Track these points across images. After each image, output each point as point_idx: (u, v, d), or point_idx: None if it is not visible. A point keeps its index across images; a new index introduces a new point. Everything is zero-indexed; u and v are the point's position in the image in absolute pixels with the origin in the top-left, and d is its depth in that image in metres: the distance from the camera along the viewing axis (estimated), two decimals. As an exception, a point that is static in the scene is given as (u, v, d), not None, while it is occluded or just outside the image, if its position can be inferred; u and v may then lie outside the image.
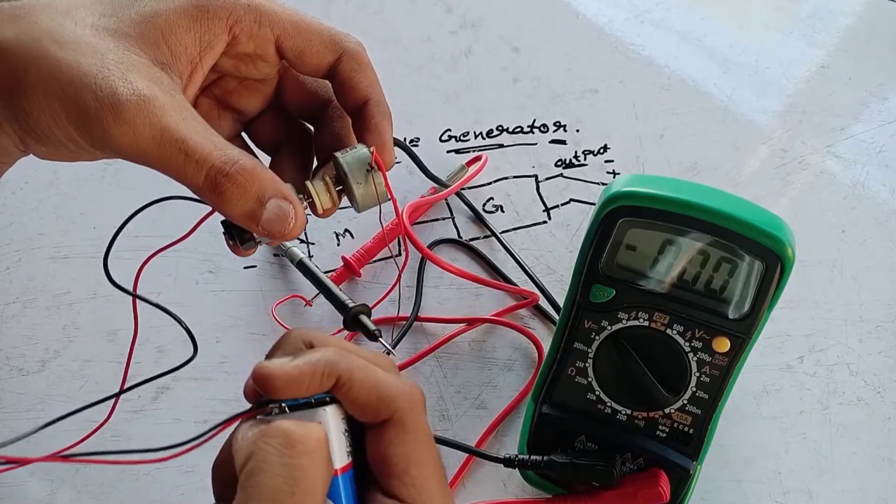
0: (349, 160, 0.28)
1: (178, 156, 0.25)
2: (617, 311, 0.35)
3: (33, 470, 0.40)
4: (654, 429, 0.36)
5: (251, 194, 0.26)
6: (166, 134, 0.25)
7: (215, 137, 0.26)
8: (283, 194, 0.27)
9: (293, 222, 0.27)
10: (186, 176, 0.25)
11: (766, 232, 0.32)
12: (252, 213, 0.26)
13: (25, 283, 0.45)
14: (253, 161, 0.26)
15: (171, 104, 0.25)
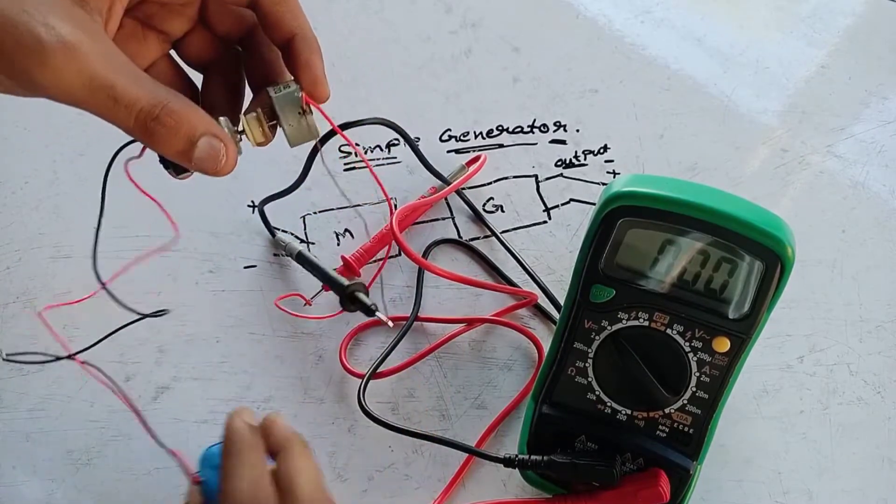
0: (280, 99, 0.29)
1: (108, 101, 0.25)
2: (617, 311, 0.35)
3: (34, 469, 0.40)
4: (654, 429, 0.36)
5: (181, 135, 0.26)
6: (94, 81, 0.25)
7: (143, 79, 0.26)
8: (213, 132, 0.27)
9: (224, 159, 0.27)
10: (117, 119, 0.26)
11: (767, 232, 0.32)
12: (184, 153, 0.27)
13: (25, 283, 0.45)
14: (181, 101, 0.26)
15: (95, 48, 0.25)
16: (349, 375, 0.42)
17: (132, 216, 0.43)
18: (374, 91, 0.50)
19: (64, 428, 0.41)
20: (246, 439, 0.31)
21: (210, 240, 0.45)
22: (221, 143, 0.27)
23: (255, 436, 0.31)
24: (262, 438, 0.31)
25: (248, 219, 0.46)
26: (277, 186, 0.45)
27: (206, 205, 0.46)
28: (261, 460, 0.30)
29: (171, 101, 0.26)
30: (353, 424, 0.41)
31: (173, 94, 0.26)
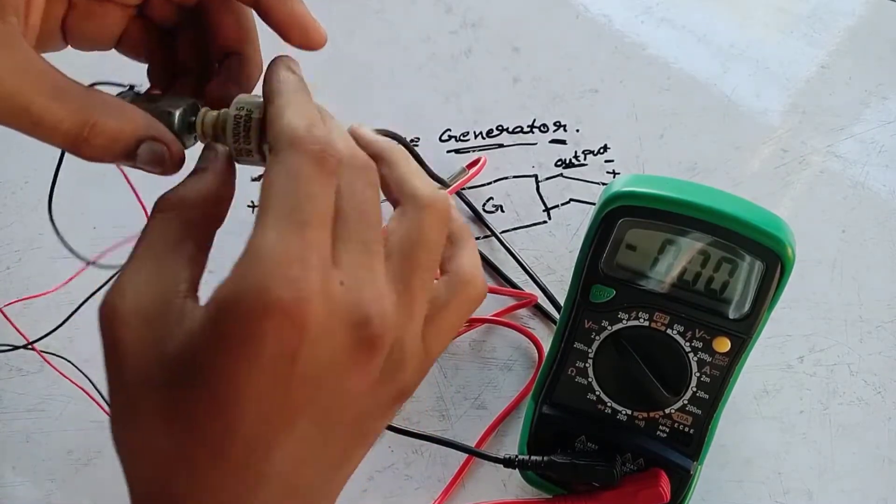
0: (237, 119, 0.25)
1: (28, 124, 0.23)
2: (617, 312, 0.35)
3: (34, 470, 0.40)
4: (654, 429, 0.36)
5: (117, 149, 0.25)
6: (8, 103, 0.23)
7: (65, 91, 0.24)
8: (151, 135, 0.25)
9: (168, 161, 0.26)
10: (45, 140, 0.24)
11: (767, 232, 0.32)
12: (126, 158, 0.25)
13: (25, 283, 0.45)
14: (110, 111, 0.24)
15: (4, 65, 0.22)
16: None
17: (132, 216, 0.43)
18: (373, 91, 0.50)
19: (63, 428, 0.41)
20: (297, 86, 0.25)
21: (210, 240, 0.45)
22: (163, 146, 0.25)
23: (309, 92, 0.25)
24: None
25: (247, 219, 0.46)
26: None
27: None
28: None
29: (98, 116, 0.24)
30: (353, 425, 0.41)
31: (102, 103, 0.24)
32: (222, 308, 0.20)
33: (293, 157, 0.22)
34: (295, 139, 0.22)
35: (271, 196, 0.21)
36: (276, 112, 0.23)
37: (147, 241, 0.23)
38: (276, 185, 0.21)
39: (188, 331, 0.21)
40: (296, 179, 0.21)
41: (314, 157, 0.22)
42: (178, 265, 0.23)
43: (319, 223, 0.21)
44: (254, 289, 0.20)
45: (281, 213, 0.21)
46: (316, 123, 0.23)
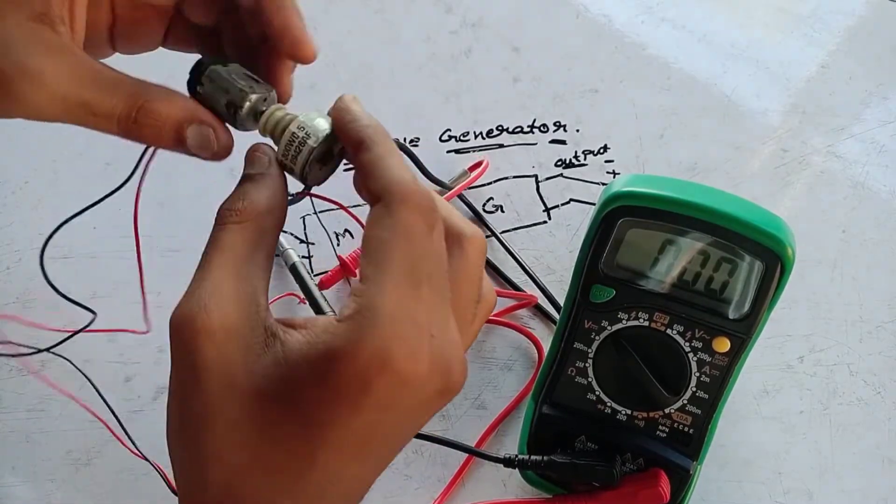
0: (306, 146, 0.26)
1: (87, 115, 0.25)
2: (617, 312, 0.35)
3: (33, 470, 0.40)
4: (654, 429, 0.36)
5: (167, 130, 0.26)
6: (67, 101, 0.24)
7: (117, 82, 0.25)
8: (198, 118, 0.26)
9: (216, 144, 0.26)
10: (102, 129, 0.25)
11: (767, 232, 0.32)
12: (177, 143, 0.26)
13: (25, 283, 0.45)
14: (159, 96, 0.26)
15: (61, 68, 0.24)
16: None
17: (131, 215, 0.43)
18: (373, 91, 0.50)
19: (63, 428, 0.41)
20: (385, 132, 0.25)
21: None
22: (209, 129, 0.26)
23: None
24: None
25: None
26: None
27: (206, 204, 0.46)
28: None
29: (147, 99, 0.25)
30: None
31: (150, 90, 0.26)
32: (337, 358, 0.22)
33: (407, 213, 0.23)
34: (407, 195, 0.23)
35: (389, 254, 0.23)
36: (378, 162, 0.24)
37: (225, 252, 0.24)
38: (392, 243, 0.23)
39: (284, 358, 0.22)
40: (411, 239, 0.23)
41: (425, 215, 0.23)
42: (256, 277, 0.24)
43: (427, 280, 0.23)
44: (374, 348, 0.21)
45: (399, 274, 0.22)
46: (415, 176, 0.24)
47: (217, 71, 0.27)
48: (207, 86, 0.27)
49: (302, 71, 0.29)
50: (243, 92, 0.27)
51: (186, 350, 0.23)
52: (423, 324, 0.22)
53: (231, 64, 0.27)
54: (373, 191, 0.24)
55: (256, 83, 0.27)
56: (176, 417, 0.24)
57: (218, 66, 0.27)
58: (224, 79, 0.27)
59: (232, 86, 0.27)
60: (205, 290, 0.23)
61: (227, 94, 0.27)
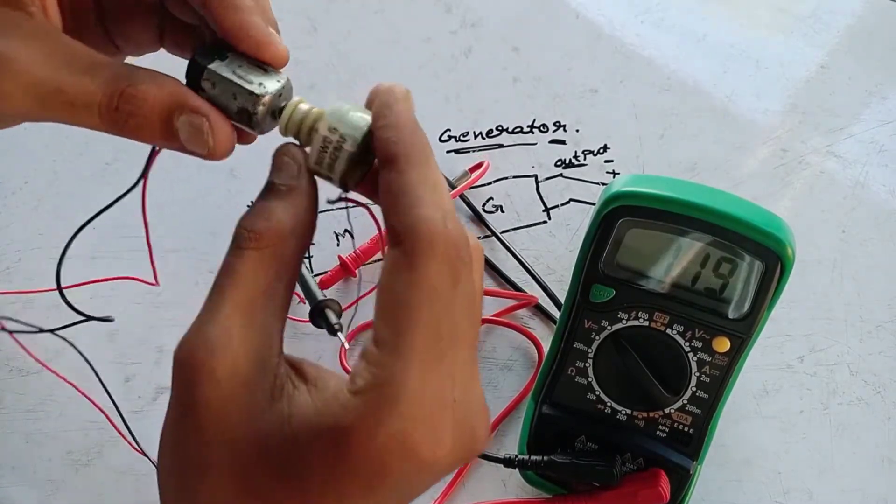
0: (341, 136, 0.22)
1: (64, 107, 0.22)
2: (617, 311, 0.35)
3: (34, 470, 0.40)
4: (654, 429, 0.36)
5: (153, 120, 0.22)
6: (40, 89, 0.21)
7: (97, 66, 0.22)
8: (189, 106, 0.22)
9: (211, 139, 0.22)
10: (84, 123, 0.22)
11: (767, 232, 0.32)
12: (166, 136, 0.22)
13: (25, 283, 0.45)
14: (142, 77, 0.22)
15: (33, 51, 0.21)
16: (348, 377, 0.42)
17: (132, 216, 0.43)
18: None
19: (63, 429, 0.41)
20: (427, 147, 0.21)
21: (210, 239, 0.45)
22: (203, 119, 0.22)
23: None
24: None
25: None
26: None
27: (206, 204, 0.46)
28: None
29: (130, 83, 0.22)
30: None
31: (134, 73, 0.22)
32: (350, 436, 0.19)
33: (432, 267, 0.20)
34: (434, 243, 0.20)
35: (410, 318, 0.20)
36: (407, 191, 0.20)
37: (239, 284, 0.21)
38: (414, 305, 0.20)
39: (289, 419, 0.20)
40: (436, 299, 0.20)
41: (451, 267, 0.20)
42: (271, 316, 0.21)
43: (452, 344, 0.20)
44: (393, 431, 0.19)
45: (422, 344, 0.20)
46: (448, 211, 0.20)
47: (216, 72, 0.23)
48: (209, 91, 0.23)
49: (302, 70, 0.28)
50: (253, 94, 0.23)
51: (188, 391, 0.20)
52: (448, 395, 0.20)
53: (230, 54, 0.23)
54: (395, 228, 0.20)
55: (265, 73, 0.23)
56: (168, 454, 0.22)
57: (215, 64, 0.23)
58: (226, 80, 0.23)
59: (238, 87, 0.23)
60: (213, 328, 0.21)
61: (234, 99, 0.23)
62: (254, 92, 0.23)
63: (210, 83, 0.23)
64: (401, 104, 0.22)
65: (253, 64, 0.23)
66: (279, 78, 0.24)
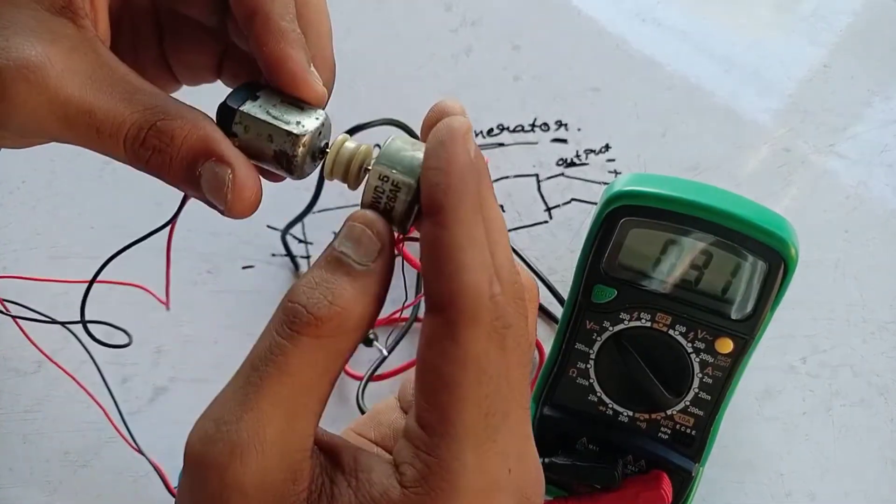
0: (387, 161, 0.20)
1: (89, 132, 0.20)
2: (619, 312, 0.35)
3: (30, 471, 0.40)
4: (655, 430, 0.36)
5: (177, 162, 0.20)
6: (69, 108, 0.20)
7: (138, 93, 0.20)
8: (216, 153, 0.20)
9: (230, 192, 0.20)
10: (107, 151, 0.21)
11: (770, 232, 0.32)
12: (189, 182, 0.20)
13: (23, 284, 0.44)
14: (179, 113, 0.20)
15: (70, 65, 0.20)
16: (348, 377, 0.41)
17: (130, 216, 0.43)
18: (372, 90, 0.50)
19: (60, 430, 0.41)
20: (476, 198, 0.18)
21: (208, 239, 0.45)
22: (227, 169, 0.20)
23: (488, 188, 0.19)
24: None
25: (246, 219, 0.46)
26: (279, 188, 0.44)
27: (204, 205, 0.46)
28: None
29: (165, 116, 0.20)
30: (353, 426, 0.41)
31: (172, 107, 0.20)
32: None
33: (476, 340, 0.18)
34: (478, 313, 0.18)
35: (458, 400, 0.18)
36: (451, 253, 0.18)
37: (285, 379, 0.18)
38: (461, 384, 0.18)
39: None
40: (485, 375, 0.18)
41: (499, 336, 0.18)
42: (312, 412, 0.19)
43: (504, 418, 0.18)
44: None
45: (473, 428, 0.18)
46: (500, 267, 0.18)
47: (249, 114, 0.21)
48: (242, 136, 0.21)
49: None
50: (291, 135, 0.21)
51: (208, 497, 0.18)
52: (502, 473, 0.18)
53: (262, 91, 0.22)
54: (434, 294, 0.18)
55: (301, 111, 0.21)
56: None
57: (247, 106, 0.21)
58: (260, 121, 0.21)
59: (273, 128, 0.21)
60: (245, 427, 0.18)
61: (270, 142, 0.21)
62: (291, 132, 0.21)
63: (242, 127, 0.21)
64: (457, 143, 0.18)
65: (288, 102, 0.22)
66: (317, 115, 0.22)
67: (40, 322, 0.35)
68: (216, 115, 0.22)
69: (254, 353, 0.19)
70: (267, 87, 0.22)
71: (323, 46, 0.23)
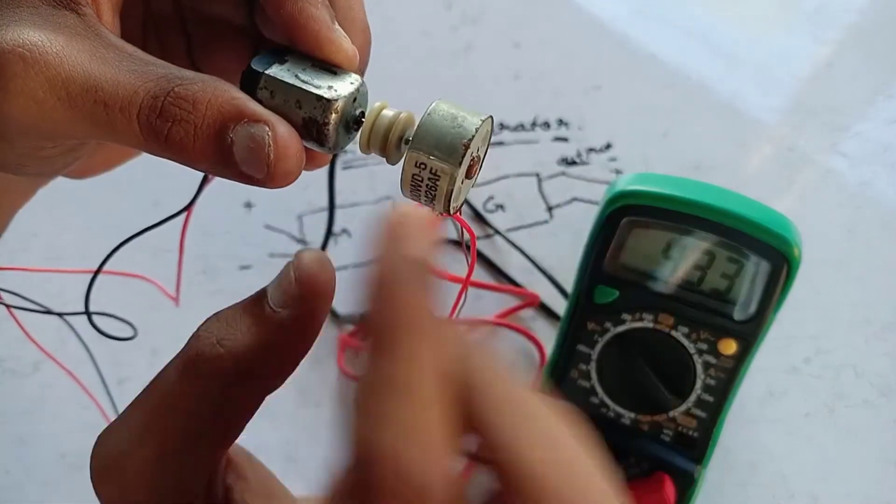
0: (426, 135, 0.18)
1: (97, 110, 0.18)
2: (621, 313, 0.34)
3: (27, 473, 0.40)
4: (658, 433, 0.36)
5: (204, 129, 0.18)
6: (71, 85, 0.17)
7: (149, 64, 0.18)
8: (248, 114, 0.18)
9: (272, 152, 0.18)
10: (119, 134, 0.18)
11: (773, 232, 0.32)
12: (219, 154, 0.18)
13: (19, 285, 0.44)
14: (197, 79, 0.18)
15: (71, 45, 0.18)
16: (347, 377, 0.41)
17: (127, 216, 0.42)
18: (371, 89, 0.50)
19: (57, 431, 0.41)
20: (423, 314, 0.14)
21: (203, 239, 0.44)
22: (264, 128, 0.18)
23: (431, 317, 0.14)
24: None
25: (242, 217, 0.45)
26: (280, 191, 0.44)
27: (201, 202, 0.45)
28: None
29: (180, 81, 0.18)
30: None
31: (188, 74, 0.18)
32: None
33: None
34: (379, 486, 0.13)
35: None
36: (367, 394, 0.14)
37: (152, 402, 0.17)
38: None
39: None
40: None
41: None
42: (194, 456, 0.17)
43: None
44: None
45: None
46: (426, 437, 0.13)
47: (275, 77, 0.19)
48: (268, 102, 0.19)
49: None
50: (322, 99, 0.18)
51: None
52: None
53: (290, 55, 0.19)
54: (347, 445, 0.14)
55: (334, 76, 0.19)
56: None
57: (274, 69, 0.19)
58: (288, 85, 0.19)
59: (302, 92, 0.18)
60: (114, 440, 0.17)
61: (298, 108, 0.18)
62: (322, 96, 0.18)
63: (268, 91, 0.19)
64: (393, 251, 0.15)
65: (319, 66, 0.19)
66: (352, 80, 0.19)
67: (39, 313, 0.34)
68: (241, 80, 0.19)
69: (158, 374, 0.18)
70: (296, 52, 0.19)
71: (352, 7, 0.21)
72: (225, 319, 0.17)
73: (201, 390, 0.16)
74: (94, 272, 0.24)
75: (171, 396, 0.17)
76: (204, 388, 0.16)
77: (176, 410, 0.17)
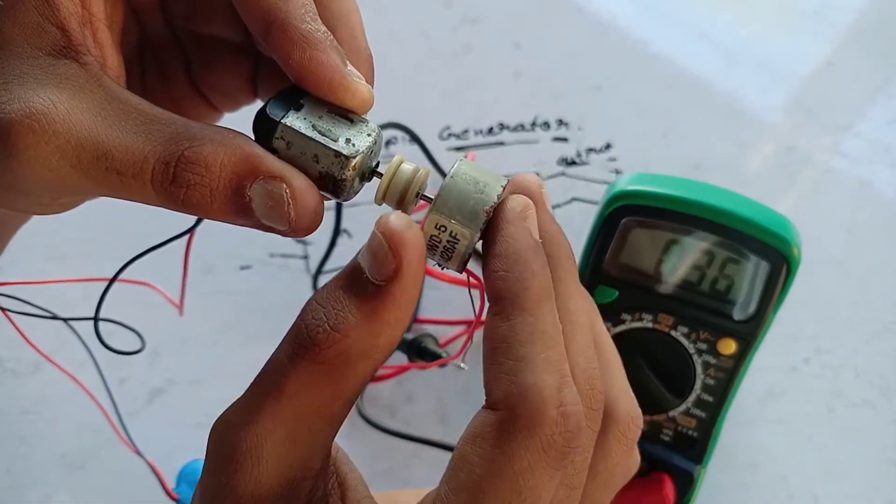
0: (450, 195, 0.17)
1: (111, 178, 0.18)
2: (620, 313, 0.34)
3: (28, 473, 0.40)
4: (658, 433, 0.36)
5: (220, 191, 0.18)
6: (82, 153, 0.17)
7: (156, 123, 0.18)
8: (264, 171, 0.18)
9: (291, 209, 0.18)
10: (136, 196, 0.18)
11: (772, 231, 0.32)
12: (237, 210, 0.18)
13: (23, 287, 0.44)
14: (206, 135, 0.18)
15: (75, 104, 0.18)
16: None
17: (126, 218, 0.42)
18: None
19: (57, 431, 0.41)
20: (545, 281, 0.17)
21: (203, 239, 0.44)
22: (282, 185, 0.18)
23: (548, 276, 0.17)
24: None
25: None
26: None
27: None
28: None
29: (191, 143, 0.18)
30: (351, 429, 0.40)
31: (196, 131, 0.18)
32: None
33: (524, 454, 0.15)
34: (534, 422, 0.16)
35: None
36: (511, 348, 0.16)
37: (283, 398, 0.17)
38: (488, 493, 0.15)
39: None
40: (525, 497, 0.16)
41: (555, 457, 0.16)
42: (315, 437, 0.18)
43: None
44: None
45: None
46: (563, 377, 0.16)
47: (292, 128, 0.18)
48: (284, 153, 0.18)
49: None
50: (340, 156, 0.18)
51: (207, 492, 0.18)
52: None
53: (306, 98, 0.19)
54: (490, 390, 0.16)
55: (350, 125, 0.19)
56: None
57: (290, 118, 0.18)
58: (306, 138, 0.18)
59: (320, 147, 0.18)
60: (247, 435, 0.17)
61: (316, 163, 0.18)
62: (340, 153, 0.18)
63: (285, 143, 0.19)
64: (515, 225, 0.17)
65: (335, 112, 0.19)
66: (369, 130, 0.19)
67: (44, 318, 0.34)
68: (254, 125, 0.19)
69: (266, 364, 0.18)
70: (309, 98, 0.19)
71: (355, 37, 0.20)
72: (329, 304, 0.17)
73: (322, 378, 0.17)
74: (109, 281, 0.26)
75: (291, 383, 0.17)
76: (325, 376, 0.17)
77: (299, 397, 0.17)
